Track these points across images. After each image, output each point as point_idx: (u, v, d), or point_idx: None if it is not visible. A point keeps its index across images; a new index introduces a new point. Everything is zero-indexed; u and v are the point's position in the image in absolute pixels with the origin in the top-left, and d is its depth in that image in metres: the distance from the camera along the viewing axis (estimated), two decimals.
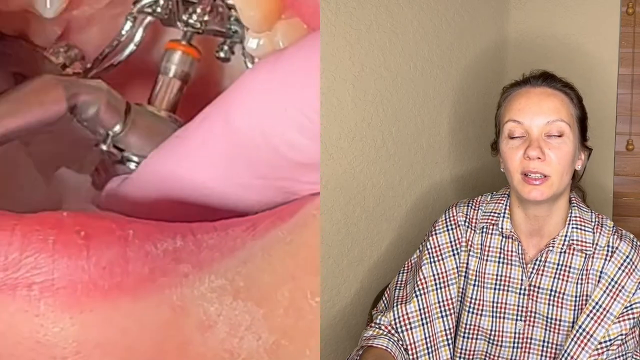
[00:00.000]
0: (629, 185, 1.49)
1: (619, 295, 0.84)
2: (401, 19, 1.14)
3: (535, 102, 0.84)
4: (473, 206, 0.94)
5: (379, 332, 0.90)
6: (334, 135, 1.01)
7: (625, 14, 1.45)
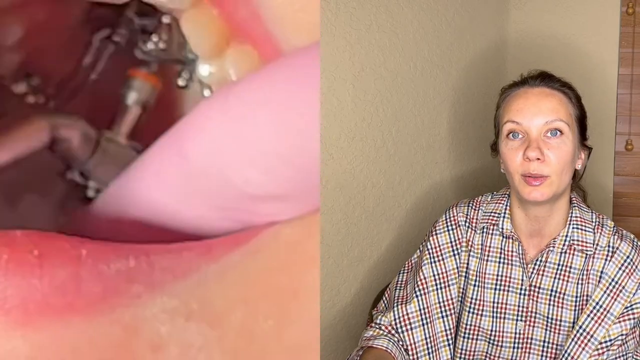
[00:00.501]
0: (629, 185, 1.49)
1: (619, 295, 0.84)
2: (401, 19, 1.14)
3: (533, 102, 0.84)
4: (473, 206, 0.93)
5: (379, 332, 0.90)
6: (334, 135, 1.01)
7: (625, 14, 1.45)
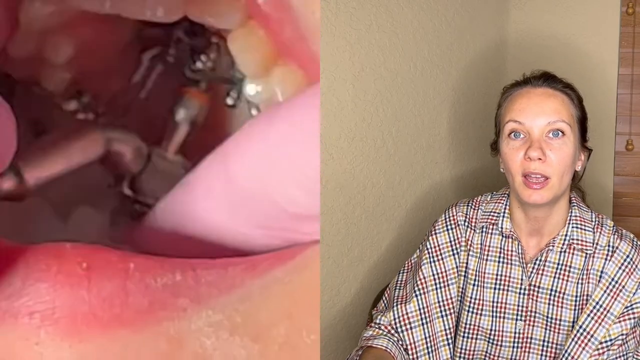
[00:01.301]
0: (629, 185, 1.49)
1: (619, 295, 0.84)
2: (401, 19, 1.14)
3: (536, 102, 0.84)
4: (473, 206, 0.94)
5: (378, 332, 0.90)
6: (334, 135, 1.01)
7: (625, 14, 1.45)
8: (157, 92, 0.71)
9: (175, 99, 0.69)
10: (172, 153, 0.67)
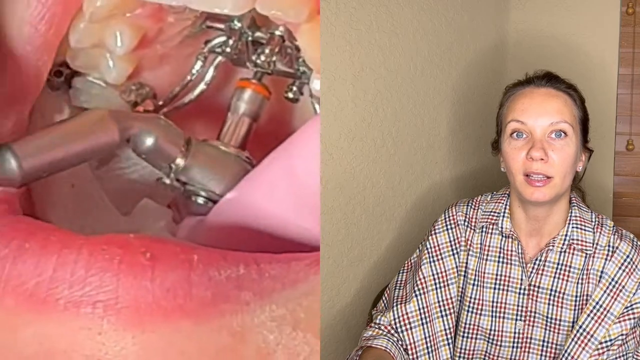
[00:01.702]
0: (629, 185, 1.49)
1: (619, 295, 0.84)
2: (401, 19, 1.14)
3: (539, 102, 0.84)
4: (473, 206, 0.93)
5: (378, 332, 0.90)
6: (334, 135, 1.01)
7: (625, 14, 1.45)
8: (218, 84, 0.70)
9: (236, 91, 0.68)
10: (233, 146, 0.66)
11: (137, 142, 0.62)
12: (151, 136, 0.62)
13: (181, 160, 0.63)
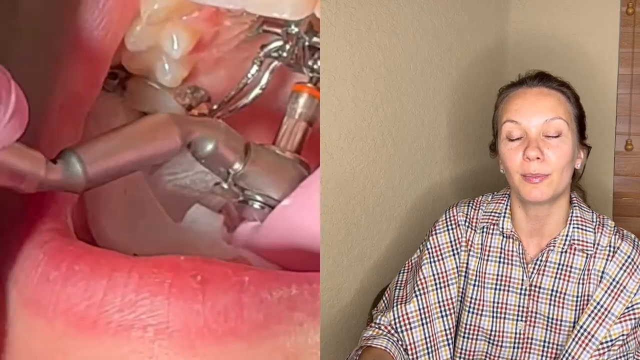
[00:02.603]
0: (629, 185, 1.49)
1: (620, 295, 0.84)
2: (401, 19, 1.14)
3: (532, 102, 0.84)
4: (473, 206, 0.93)
5: (378, 332, 0.90)
6: (334, 135, 1.01)
7: (625, 14, 1.45)
8: (273, 89, 0.69)
9: (292, 95, 0.67)
10: (289, 151, 0.65)
11: (197, 147, 0.61)
12: (212, 141, 0.61)
13: (240, 165, 0.62)
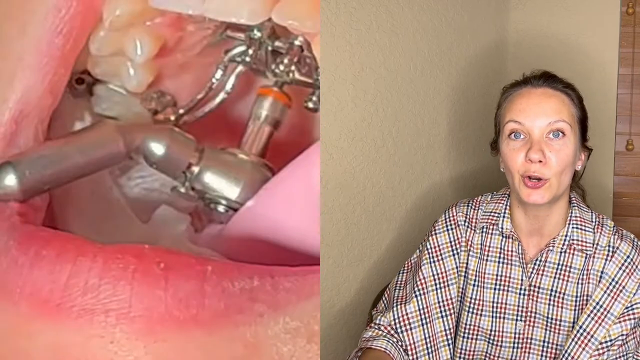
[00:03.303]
0: (629, 185, 1.49)
1: (619, 295, 0.84)
2: (401, 19, 1.14)
3: (536, 102, 0.84)
4: (473, 206, 0.93)
5: (378, 332, 0.90)
6: (334, 135, 1.01)
7: (625, 14, 1.45)
8: (238, 93, 0.70)
9: (257, 98, 0.68)
10: (254, 154, 0.66)
11: (146, 152, 0.62)
12: (160, 145, 0.62)
13: (195, 167, 0.63)
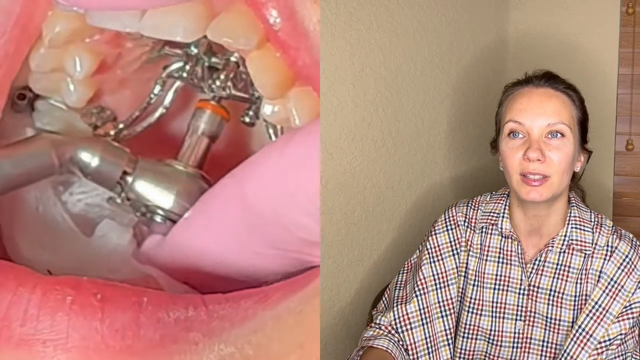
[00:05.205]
0: (629, 185, 1.49)
1: (618, 294, 0.84)
2: (401, 19, 1.14)
3: (537, 103, 0.84)
4: (472, 206, 0.94)
5: (379, 332, 0.90)
6: (334, 135, 1.01)
7: (625, 14, 1.45)
8: (176, 107, 0.71)
9: (195, 111, 0.69)
10: (191, 166, 0.67)
11: (79, 164, 0.63)
12: (92, 156, 0.63)
13: (129, 177, 0.64)
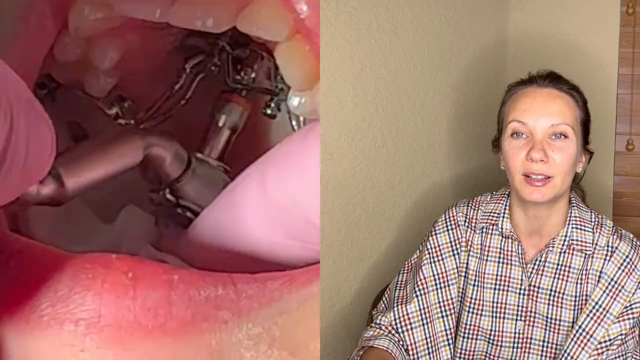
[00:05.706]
0: (629, 185, 1.49)
1: (618, 295, 0.84)
2: (401, 19, 1.14)
3: (541, 103, 0.83)
4: (473, 206, 0.93)
5: (379, 332, 0.90)
6: (334, 135, 1.01)
7: (625, 14, 1.45)
8: (198, 99, 0.71)
9: (217, 104, 0.69)
10: (214, 159, 0.67)
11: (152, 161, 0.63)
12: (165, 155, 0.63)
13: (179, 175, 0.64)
